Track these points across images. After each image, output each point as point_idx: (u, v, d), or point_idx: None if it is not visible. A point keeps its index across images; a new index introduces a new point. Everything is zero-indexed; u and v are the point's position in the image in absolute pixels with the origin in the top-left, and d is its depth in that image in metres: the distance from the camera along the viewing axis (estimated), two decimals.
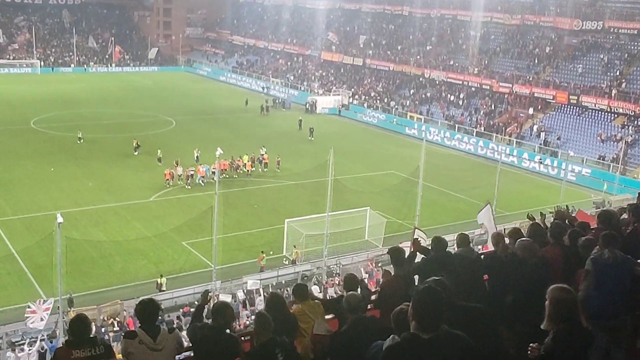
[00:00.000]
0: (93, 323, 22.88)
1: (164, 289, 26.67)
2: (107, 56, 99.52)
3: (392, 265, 8.29)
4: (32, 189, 38.56)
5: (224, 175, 41.41)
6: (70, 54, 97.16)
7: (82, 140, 50.00)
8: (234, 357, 6.03)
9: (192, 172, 41.04)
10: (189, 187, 40.17)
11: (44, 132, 53.59)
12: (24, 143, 49.60)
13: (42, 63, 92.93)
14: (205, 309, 7.18)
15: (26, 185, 39.27)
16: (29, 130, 54.11)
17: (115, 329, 23.64)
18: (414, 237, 19.84)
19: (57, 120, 57.75)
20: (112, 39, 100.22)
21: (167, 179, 40.38)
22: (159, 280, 27.11)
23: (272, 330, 5.80)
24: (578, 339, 4.59)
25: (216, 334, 6.21)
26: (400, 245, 12.92)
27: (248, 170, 43.87)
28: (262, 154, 45.45)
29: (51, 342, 21.95)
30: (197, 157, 43.75)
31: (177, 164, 41.34)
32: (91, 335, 6.21)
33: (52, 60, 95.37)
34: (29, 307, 22.41)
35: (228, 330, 6.29)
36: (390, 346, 4.39)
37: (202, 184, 40.40)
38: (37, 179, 40.72)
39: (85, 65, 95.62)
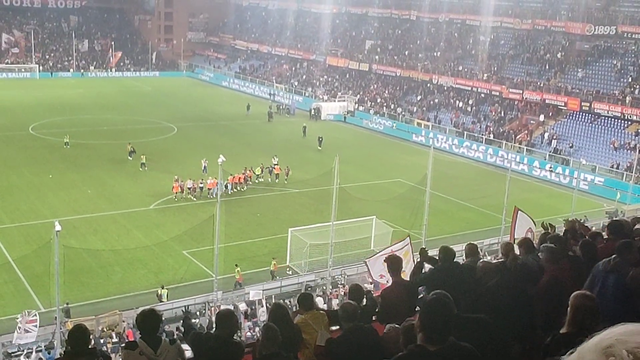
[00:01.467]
0: (91, 334, 23.02)
1: (164, 300, 26.69)
2: (107, 61, 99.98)
3: (389, 273, 8.32)
4: (30, 197, 38.68)
5: (238, 188, 41.30)
6: (70, 58, 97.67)
7: (68, 145, 50.16)
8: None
9: (201, 185, 40.43)
10: (195, 199, 39.80)
11: (43, 138, 53.79)
12: (22, 149, 49.82)
13: (41, 68, 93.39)
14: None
15: (23, 193, 39.39)
16: (27, 137, 54.34)
17: (114, 340, 23.65)
18: (404, 245, 19.87)
19: (55, 126, 57.94)
20: (112, 43, 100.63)
21: (176, 193, 39.52)
22: (159, 291, 27.14)
23: (279, 344, 5.81)
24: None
25: (222, 344, 6.25)
26: (395, 252, 12.98)
27: (257, 176, 43.70)
28: (275, 164, 45.10)
29: (49, 353, 21.98)
30: (204, 167, 43.48)
31: (177, 181, 39.98)
32: (90, 346, 6.24)
33: (51, 65, 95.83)
34: (18, 322, 22.46)
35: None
36: (396, 359, 4.41)
37: (212, 197, 39.10)
38: (35, 186, 40.87)
39: (84, 70, 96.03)
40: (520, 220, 22.90)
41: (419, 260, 9.09)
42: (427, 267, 9.01)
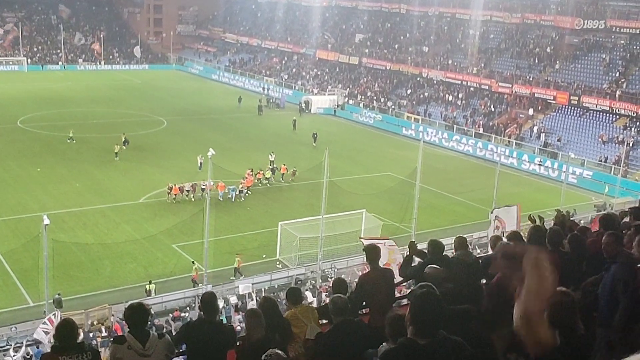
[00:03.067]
0: (80, 328, 22.97)
1: (153, 295, 26.64)
2: (94, 54, 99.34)
3: (368, 262, 8.30)
4: (18, 190, 38.44)
5: (248, 192, 40.09)
6: (58, 51, 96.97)
7: (73, 140, 49.85)
8: (232, 346, 6.07)
9: (203, 187, 37.30)
10: (194, 199, 38.12)
11: (31, 132, 53.43)
12: (10, 143, 49.44)
13: (29, 61, 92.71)
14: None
15: (11, 186, 39.15)
16: (15, 130, 53.95)
17: (103, 334, 23.59)
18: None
19: (44, 120, 57.62)
20: (102, 36, 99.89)
21: (175, 194, 37.67)
22: (147, 286, 27.07)
23: (265, 326, 5.84)
24: (571, 343, 4.59)
25: (216, 329, 6.28)
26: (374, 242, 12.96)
27: (267, 179, 42.59)
28: (283, 165, 43.83)
29: (37, 347, 21.87)
30: (200, 163, 42.43)
31: (170, 190, 37.85)
32: (78, 341, 6.19)
33: (40, 57, 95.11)
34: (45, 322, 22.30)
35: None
36: (386, 352, 4.39)
37: (221, 200, 37.90)
38: (23, 179, 40.63)
39: (72, 63, 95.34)
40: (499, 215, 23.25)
41: (408, 253, 9.07)
42: (417, 260, 9.00)
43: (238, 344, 6.39)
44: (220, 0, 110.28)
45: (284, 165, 43.88)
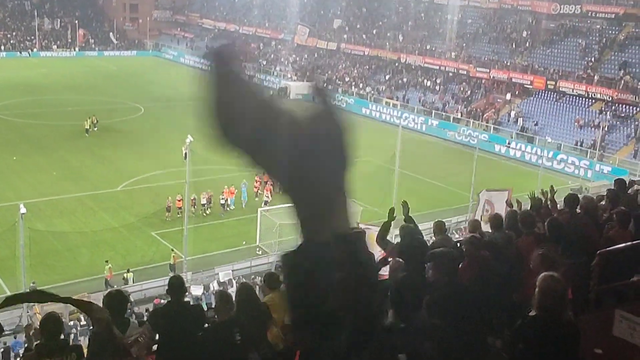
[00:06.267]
0: (61, 316, 22.78)
1: (131, 283, 26.54)
2: (69, 40, 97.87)
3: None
4: None
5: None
6: (32, 37, 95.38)
7: (95, 128, 49.35)
8: (201, 326, 6.06)
9: (211, 195, 35.03)
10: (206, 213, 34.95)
11: (5, 120, 52.62)
12: None
13: (2, 47, 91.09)
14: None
15: None
16: None
17: (82, 322, 23.44)
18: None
19: (18, 108, 56.77)
20: (77, 22, 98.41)
21: (179, 208, 32.80)
22: (125, 274, 26.95)
23: (233, 308, 5.83)
24: (557, 326, 4.59)
25: (181, 309, 6.25)
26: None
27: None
28: None
29: (15, 338, 21.65)
30: (185, 153, 35.23)
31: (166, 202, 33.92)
32: (62, 337, 6.12)
33: (13, 44, 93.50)
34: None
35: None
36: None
37: (232, 208, 35.56)
38: None
39: (46, 50, 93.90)
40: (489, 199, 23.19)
41: (386, 220, 9.06)
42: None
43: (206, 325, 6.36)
44: None
45: None
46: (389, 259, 8.78)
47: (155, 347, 6.35)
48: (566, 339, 4.62)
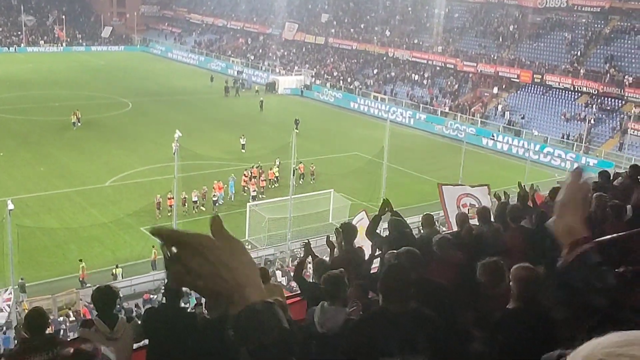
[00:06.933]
0: (50, 312, 22.68)
1: (120, 279, 26.45)
2: (56, 36, 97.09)
3: (342, 242, 8.28)
4: None
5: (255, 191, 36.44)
6: (19, 33, 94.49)
7: (79, 124, 49.16)
8: (192, 333, 6.04)
9: (205, 191, 34.50)
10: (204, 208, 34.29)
11: None
12: None
13: None
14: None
15: None
16: None
17: (71, 318, 23.36)
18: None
19: (5, 103, 56.17)
20: (63, 17, 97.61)
21: (170, 206, 32.14)
22: (114, 270, 26.84)
23: (223, 305, 5.80)
24: (536, 317, 4.63)
25: (175, 312, 6.22)
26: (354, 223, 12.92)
27: (277, 179, 38.32)
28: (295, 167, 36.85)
29: (4, 334, 21.55)
30: (175, 149, 33.39)
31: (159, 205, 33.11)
32: (48, 332, 6.05)
33: (0, 40, 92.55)
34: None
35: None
36: (361, 319, 4.43)
37: (221, 203, 34.94)
38: None
39: (33, 45, 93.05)
40: (448, 195, 22.86)
41: (376, 214, 9.08)
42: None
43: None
44: None
45: (301, 163, 38.44)
46: (377, 253, 8.81)
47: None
48: (546, 328, 4.65)
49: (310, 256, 8.67)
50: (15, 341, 12.32)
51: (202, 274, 1.43)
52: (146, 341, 6.43)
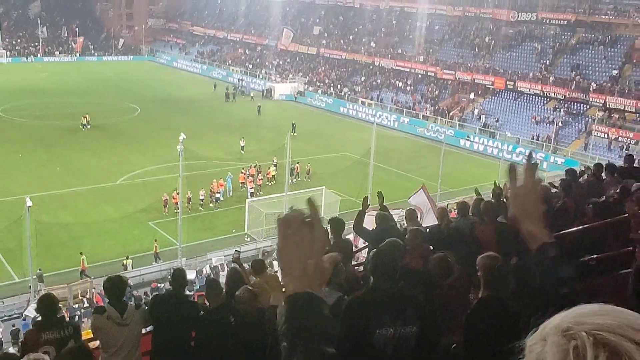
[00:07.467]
0: (65, 300, 22.63)
1: (130, 269, 26.39)
2: (70, 47, 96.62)
3: (331, 236, 8.32)
4: (1, 175, 37.37)
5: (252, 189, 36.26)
6: (36, 44, 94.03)
7: (89, 126, 49.15)
8: (194, 321, 6.04)
9: (212, 188, 34.26)
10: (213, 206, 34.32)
11: (11, 120, 51.91)
12: None
13: (8, 53, 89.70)
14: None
15: None
16: None
17: (85, 305, 23.30)
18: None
19: (23, 109, 55.95)
20: (77, 30, 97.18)
21: (176, 203, 31.24)
22: (124, 261, 26.77)
23: (221, 294, 5.82)
24: (502, 304, 4.64)
25: (179, 300, 6.22)
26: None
27: (274, 177, 38.03)
28: (294, 166, 38.32)
29: (24, 320, 21.46)
30: (180, 150, 31.39)
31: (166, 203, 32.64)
32: (59, 315, 6.10)
33: (19, 51, 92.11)
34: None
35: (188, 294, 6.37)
36: (353, 297, 4.50)
37: (221, 199, 34.83)
38: (6, 165, 39.47)
39: (49, 55, 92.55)
40: (420, 197, 22.83)
41: (361, 209, 9.13)
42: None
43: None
44: None
45: (298, 163, 39.05)
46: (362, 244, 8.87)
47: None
48: (516, 312, 4.68)
49: None
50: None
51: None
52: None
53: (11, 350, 17.51)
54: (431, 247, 7.72)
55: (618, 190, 8.63)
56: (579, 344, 1.08)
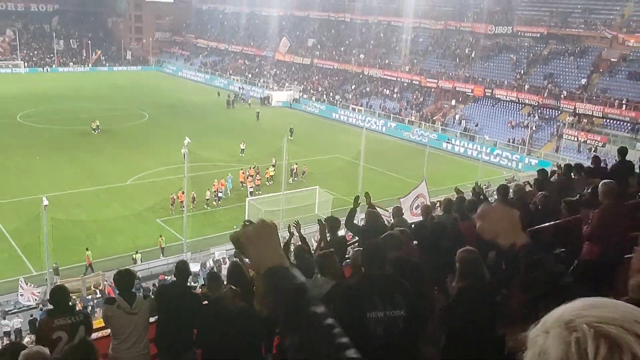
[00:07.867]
0: (79, 292, 22.56)
1: (139, 263, 26.32)
2: (83, 57, 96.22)
3: (328, 233, 8.33)
4: (20, 176, 37.21)
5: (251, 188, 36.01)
6: (51, 55, 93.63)
7: (98, 130, 48.93)
8: (196, 312, 6.02)
9: (216, 186, 34.09)
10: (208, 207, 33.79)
11: (29, 126, 51.67)
12: (11, 136, 47.69)
13: (26, 64, 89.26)
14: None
15: (14, 173, 37.88)
16: (16, 124, 52.05)
17: (97, 296, 23.23)
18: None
19: (40, 115, 55.74)
20: (89, 42, 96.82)
21: (181, 202, 30.47)
22: (134, 255, 26.69)
23: (222, 286, 5.83)
24: (480, 291, 4.69)
25: (183, 290, 6.21)
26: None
27: (272, 177, 37.94)
28: (294, 167, 38.41)
29: (41, 310, 21.38)
30: (185, 154, 30.84)
31: (174, 201, 32.18)
32: (70, 304, 6.10)
33: (35, 61, 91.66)
34: (20, 283, 21.94)
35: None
36: (347, 285, 4.55)
37: (223, 197, 34.72)
38: (24, 167, 39.32)
39: (64, 66, 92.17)
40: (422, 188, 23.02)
41: (352, 207, 9.14)
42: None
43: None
44: (191, 11, 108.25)
45: (296, 164, 38.98)
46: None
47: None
48: (492, 300, 4.72)
49: (297, 232, 8.75)
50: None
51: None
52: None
53: (28, 338, 17.43)
54: (415, 242, 7.74)
55: (589, 190, 8.66)
56: (580, 336, 1.04)
